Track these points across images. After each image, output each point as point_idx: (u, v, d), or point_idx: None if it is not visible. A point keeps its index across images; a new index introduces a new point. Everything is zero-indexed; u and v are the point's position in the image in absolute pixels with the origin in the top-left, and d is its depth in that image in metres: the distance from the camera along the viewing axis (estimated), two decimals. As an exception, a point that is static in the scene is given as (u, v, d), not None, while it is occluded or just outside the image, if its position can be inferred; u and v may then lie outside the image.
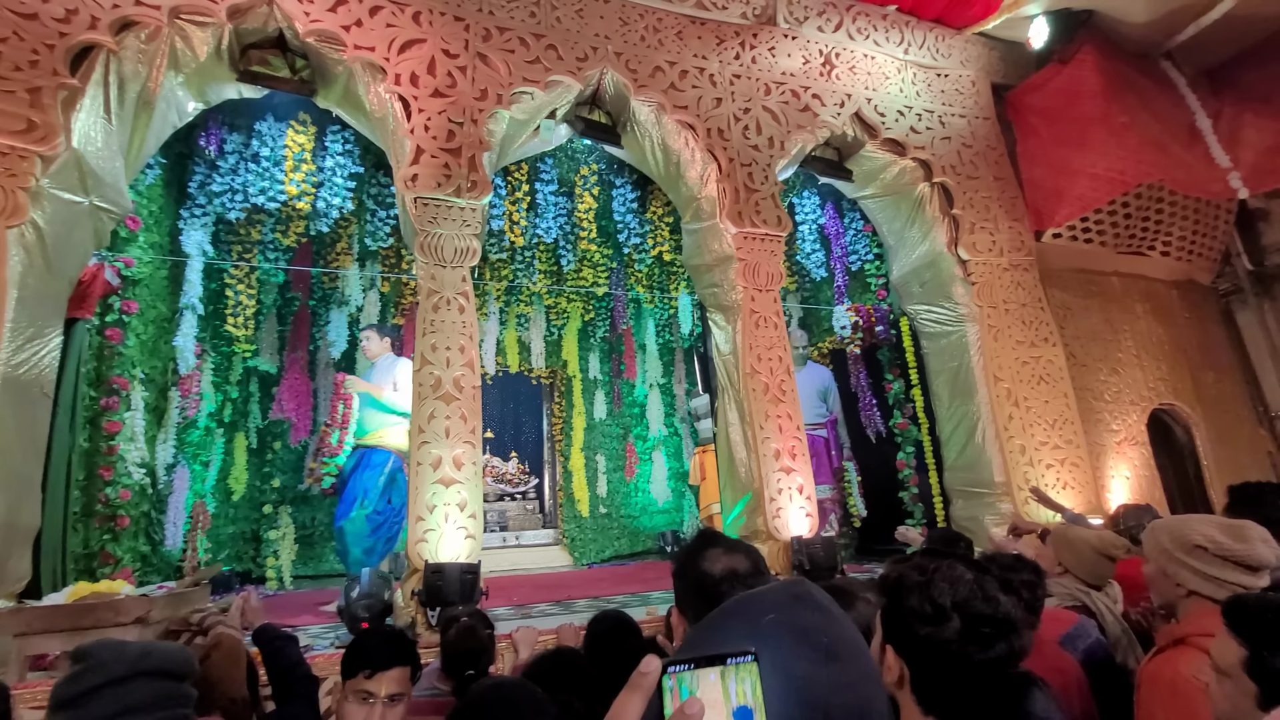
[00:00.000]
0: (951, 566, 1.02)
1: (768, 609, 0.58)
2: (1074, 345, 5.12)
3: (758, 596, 0.61)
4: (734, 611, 0.60)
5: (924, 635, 0.97)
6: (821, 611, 0.58)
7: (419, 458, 3.27)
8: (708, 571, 1.25)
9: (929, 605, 0.98)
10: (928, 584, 1.00)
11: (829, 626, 0.57)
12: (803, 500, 3.93)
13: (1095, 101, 4.71)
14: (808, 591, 0.61)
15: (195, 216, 4.83)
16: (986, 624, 0.96)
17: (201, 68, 3.64)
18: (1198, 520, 1.58)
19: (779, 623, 0.56)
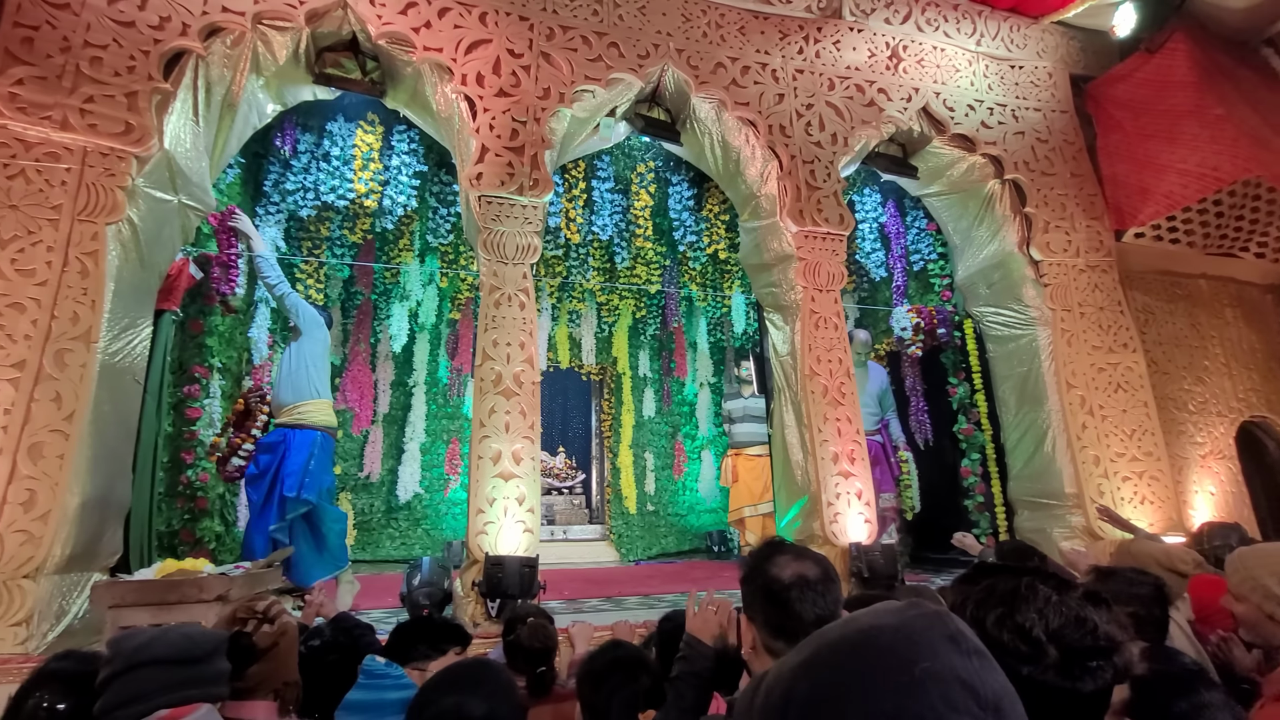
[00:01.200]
0: (1032, 589, 0.91)
1: (917, 654, 0.48)
2: (1156, 352, 4.82)
3: (898, 633, 0.50)
4: (870, 656, 0.49)
5: (1026, 676, 0.85)
6: (979, 656, 0.49)
7: (479, 451, 3.34)
8: (776, 577, 1.24)
9: (1022, 641, 0.86)
10: (1012, 613, 0.88)
11: (989, 675, 0.48)
12: (861, 506, 3.83)
13: (1187, 93, 4.41)
14: (959, 629, 0.51)
15: (270, 213, 5.04)
16: (1089, 655, 0.86)
17: (280, 71, 3.80)
18: None
19: (936, 675, 0.46)
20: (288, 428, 4.02)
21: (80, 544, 2.83)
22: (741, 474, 6.14)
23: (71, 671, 1.40)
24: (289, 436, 4.00)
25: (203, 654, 1.31)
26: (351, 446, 6.83)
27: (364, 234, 5.48)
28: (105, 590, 2.75)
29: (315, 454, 4.04)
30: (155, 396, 3.93)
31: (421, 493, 6.97)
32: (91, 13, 3.22)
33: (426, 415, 7.02)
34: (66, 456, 2.76)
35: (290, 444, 3.97)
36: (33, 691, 1.36)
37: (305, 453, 3.99)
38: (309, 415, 4.09)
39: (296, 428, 4.03)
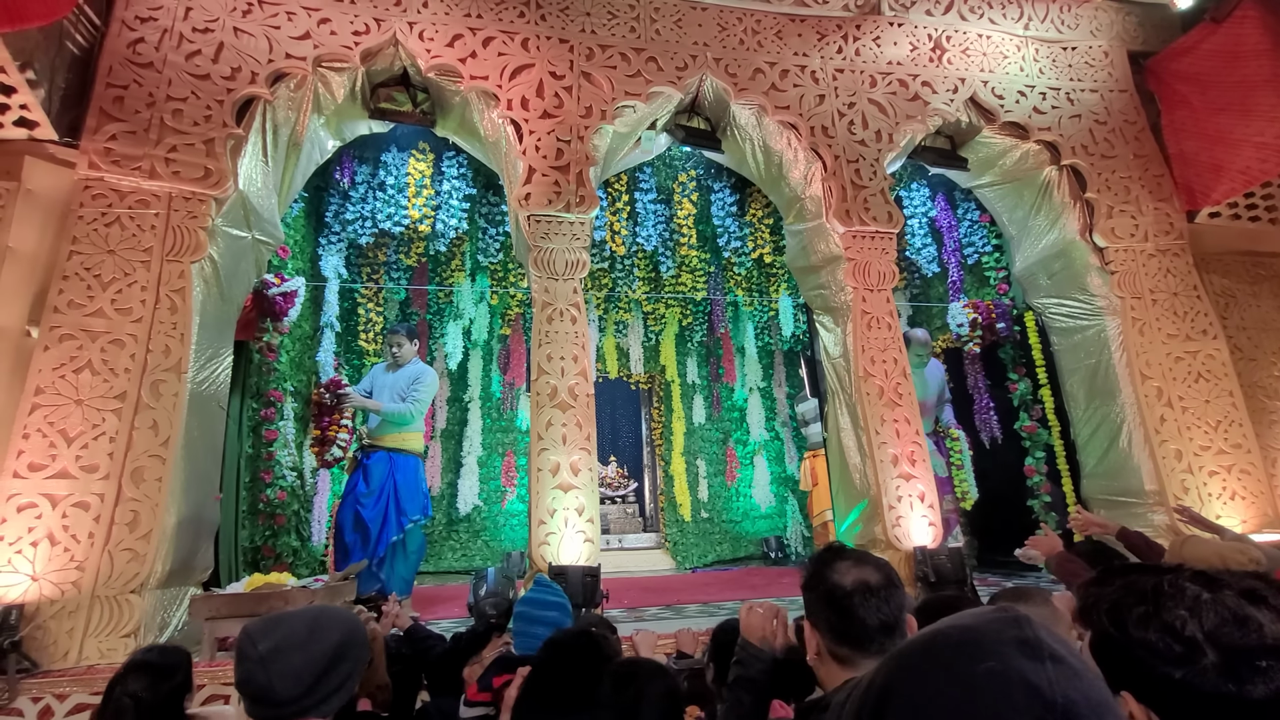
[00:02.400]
0: (1177, 584, 0.83)
1: (983, 653, 0.48)
2: (1239, 337, 4.54)
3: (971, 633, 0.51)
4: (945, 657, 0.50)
5: (1180, 678, 0.78)
6: (1055, 661, 0.48)
7: (538, 464, 3.43)
8: (838, 584, 1.23)
9: (1173, 640, 0.79)
10: (1157, 611, 0.81)
11: (1065, 681, 0.47)
12: (924, 509, 3.74)
13: (1261, 61, 4.16)
14: (1035, 635, 0.50)
15: (331, 243, 5.32)
16: (1258, 655, 0.77)
17: (339, 109, 4.02)
18: None
19: (999, 675, 0.47)
20: (393, 452, 4.28)
21: (178, 560, 3.05)
22: (821, 476, 6.03)
23: (155, 663, 1.58)
24: (395, 460, 4.27)
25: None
26: (413, 462, 7.08)
27: (419, 257, 5.71)
28: (202, 603, 2.96)
29: (421, 477, 4.44)
30: (236, 421, 4.21)
31: (480, 505, 7.16)
32: (172, 69, 3.49)
33: (482, 429, 7.21)
34: (164, 479, 2.98)
35: (399, 466, 4.26)
36: (123, 680, 1.52)
37: (416, 476, 4.35)
38: (409, 443, 4.40)
39: (398, 452, 4.30)
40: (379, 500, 4.08)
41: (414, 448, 4.36)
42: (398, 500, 4.11)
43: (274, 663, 1.15)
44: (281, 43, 3.70)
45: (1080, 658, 0.53)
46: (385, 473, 4.16)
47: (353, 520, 4.06)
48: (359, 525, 4.03)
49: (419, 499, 4.32)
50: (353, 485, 4.18)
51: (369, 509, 4.04)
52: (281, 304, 4.44)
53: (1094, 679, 0.51)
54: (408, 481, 4.21)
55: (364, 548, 3.99)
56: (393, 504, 4.10)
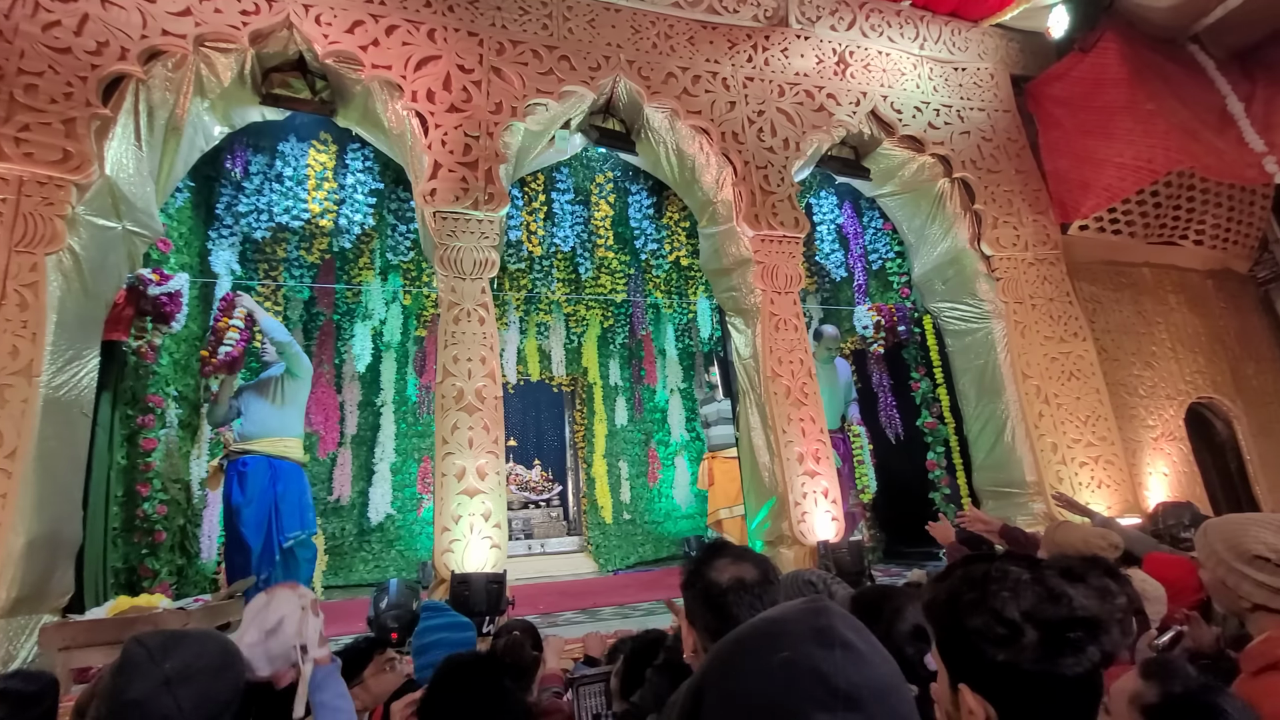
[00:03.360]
0: (1002, 570, 0.86)
1: (781, 644, 0.52)
2: (1105, 339, 4.99)
3: (775, 625, 0.55)
4: (749, 647, 0.54)
5: (1003, 661, 0.80)
6: (845, 649, 0.51)
7: (443, 469, 3.31)
8: (714, 581, 1.22)
9: (997, 623, 0.81)
10: (985, 597, 0.83)
11: (852, 667, 0.50)
12: (828, 504, 3.88)
13: (1120, 89, 4.60)
14: (830, 623, 0.53)
15: (223, 237, 4.95)
16: (1069, 627, 0.80)
17: (226, 92, 3.75)
18: (1256, 524, 1.43)
19: (792, 664, 0.50)
20: (273, 458, 4.06)
21: (28, 585, 2.74)
22: (717, 476, 6.17)
23: (17, 691, 1.43)
24: (278, 468, 4.05)
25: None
26: (319, 470, 6.70)
27: (322, 254, 5.41)
28: (55, 632, 2.66)
29: (305, 487, 4.22)
30: (107, 429, 3.83)
31: (394, 514, 6.87)
32: (25, 39, 3.14)
33: (396, 435, 6.93)
34: (10, 496, 2.67)
35: (281, 475, 4.04)
36: None
37: (300, 486, 4.14)
38: (292, 450, 4.17)
39: (282, 459, 4.09)
40: (260, 510, 3.83)
41: (296, 456, 4.13)
42: (278, 514, 3.87)
43: (183, 686, 0.99)
44: (157, 18, 3.41)
45: (874, 644, 0.55)
46: (265, 482, 3.91)
47: (235, 537, 3.79)
48: (239, 540, 3.76)
49: (300, 512, 4.05)
50: (227, 495, 3.90)
51: (249, 521, 3.77)
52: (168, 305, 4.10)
53: (883, 664, 0.53)
54: (290, 493, 3.96)
55: (247, 565, 3.72)
56: (274, 519, 3.87)
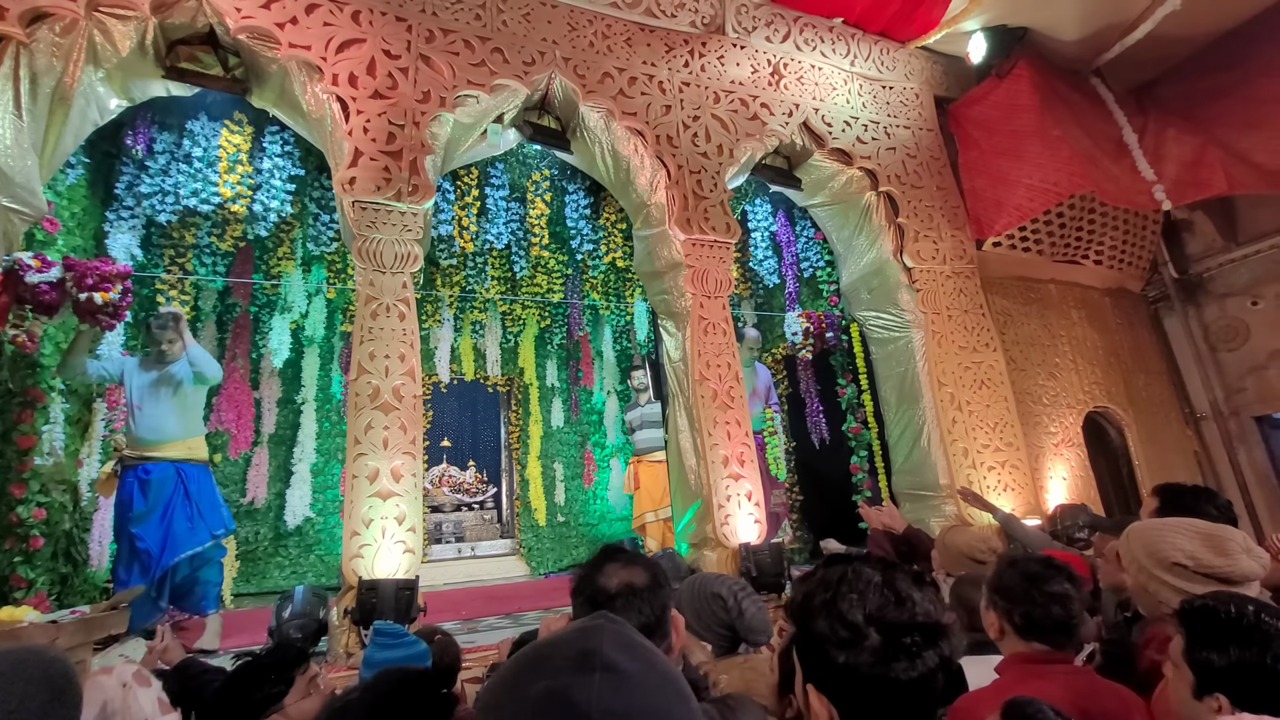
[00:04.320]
0: (857, 572, 0.87)
1: (542, 671, 0.49)
2: (1014, 350, 5.28)
3: (541, 651, 0.52)
4: (511, 679, 0.51)
5: (843, 663, 0.80)
6: (606, 672, 0.49)
7: (354, 470, 3.16)
8: (603, 588, 1.20)
9: (841, 625, 0.82)
10: (834, 599, 0.84)
11: (610, 693, 0.47)
12: (751, 506, 3.94)
13: (1030, 115, 4.89)
14: (594, 646, 0.51)
15: (122, 219, 4.59)
16: (907, 632, 0.80)
17: (124, 63, 3.47)
18: (1174, 530, 1.47)
19: (548, 693, 0.47)
20: (180, 462, 3.87)
21: None
22: (642, 480, 6.19)
23: None
24: (186, 472, 3.85)
25: None
26: (232, 471, 6.32)
27: (236, 242, 5.10)
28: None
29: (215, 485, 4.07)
30: (-25, 425, 3.48)
31: (313, 517, 6.55)
32: (-121, -11, 2.82)
33: (318, 434, 6.61)
34: None
35: (192, 477, 3.86)
36: None
37: (213, 484, 3.99)
38: (198, 451, 4.00)
39: (188, 462, 3.90)
40: (162, 519, 3.60)
41: (203, 455, 3.98)
42: (199, 512, 3.72)
43: None
44: (43, -23, 3.12)
45: (652, 666, 0.52)
46: (172, 487, 3.70)
47: (128, 546, 3.54)
48: (133, 551, 3.51)
49: (222, 511, 3.95)
50: (126, 504, 3.63)
51: (148, 531, 3.54)
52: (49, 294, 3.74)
53: (653, 688, 0.50)
54: (205, 491, 3.80)
55: (142, 575, 3.47)
56: (184, 519, 3.67)
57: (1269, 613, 1.03)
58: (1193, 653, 1.07)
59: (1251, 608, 1.05)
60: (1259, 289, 5.71)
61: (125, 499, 3.69)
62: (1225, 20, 5.08)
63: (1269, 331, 5.64)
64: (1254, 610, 1.04)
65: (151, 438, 3.82)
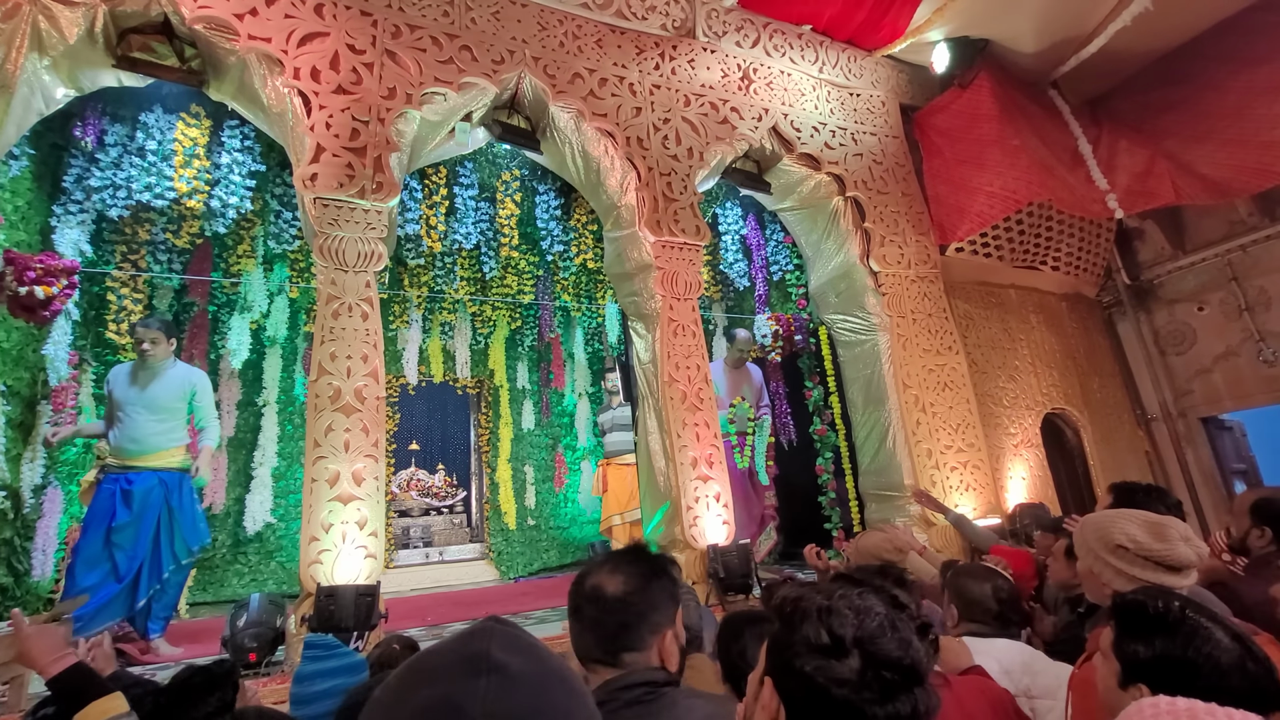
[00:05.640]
0: (864, 596, 0.86)
1: (427, 677, 0.48)
2: (975, 353, 5.41)
3: (428, 658, 0.51)
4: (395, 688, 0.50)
5: (811, 671, 0.80)
6: (494, 674, 0.47)
7: (314, 474, 3.08)
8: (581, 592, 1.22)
9: (826, 634, 0.81)
10: (830, 610, 0.83)
11: (496, 696, 0.46)
12: (719, 508, 3.95)
13: (991, 124, 5.02)
14: (483, 648, 0.50)
15: (71, 213, 4.41)
16: (892, 668, 0.78)
17: (72, 51, 3.33)
18: (1124, 518, 1.53)
19: (433, 701, 0.46)
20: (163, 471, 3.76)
21: None
22: (610, 483, 6.18)
23: None
24: (168, 482, 3.76)
25: None
26: (188, 475, 6.12)
27: (193, 239, 4.94)
28: None
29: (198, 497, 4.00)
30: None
31: (274, 523, 6.36)
32: None
33: (279, 437, 6.44)
34: None
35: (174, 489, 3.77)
36: None
37: (193, 493, 3.90)
38: (178, 458, 3.89)
39: (169, 470, 3.80)
40: (143, 531, 3.51)
41: (184, 464, 3.86)
42: (176, 529, 3.60)
43: None
44: (-17, -41, 2.99)
45: (546, 668, 0.51)
46: (158, 498, 3.61)
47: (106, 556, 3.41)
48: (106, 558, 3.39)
49: (200, 525, 3.84)
50: (105, 512, 3.51)
51: (130, 543, 3.44)
52: None
53: (547, 687, 0.49)
54: (186, 506, 3.70)
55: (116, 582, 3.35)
56: (166, 534, 3.58)
57: (1195, 609, 1.07)
58: (1120, 644, 1.10)
59: (1178, 603, 1.08)
60: (1205, 295, 5.95)
61: (104, 507, 3.57)
62: (1174, 37, 5.30)
63: (1214, 336, 5.88)
64: (1180, 606, 1.07)
65: (135, 448, 3.73)
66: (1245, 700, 0.92)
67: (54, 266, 3.61)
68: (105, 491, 3.68)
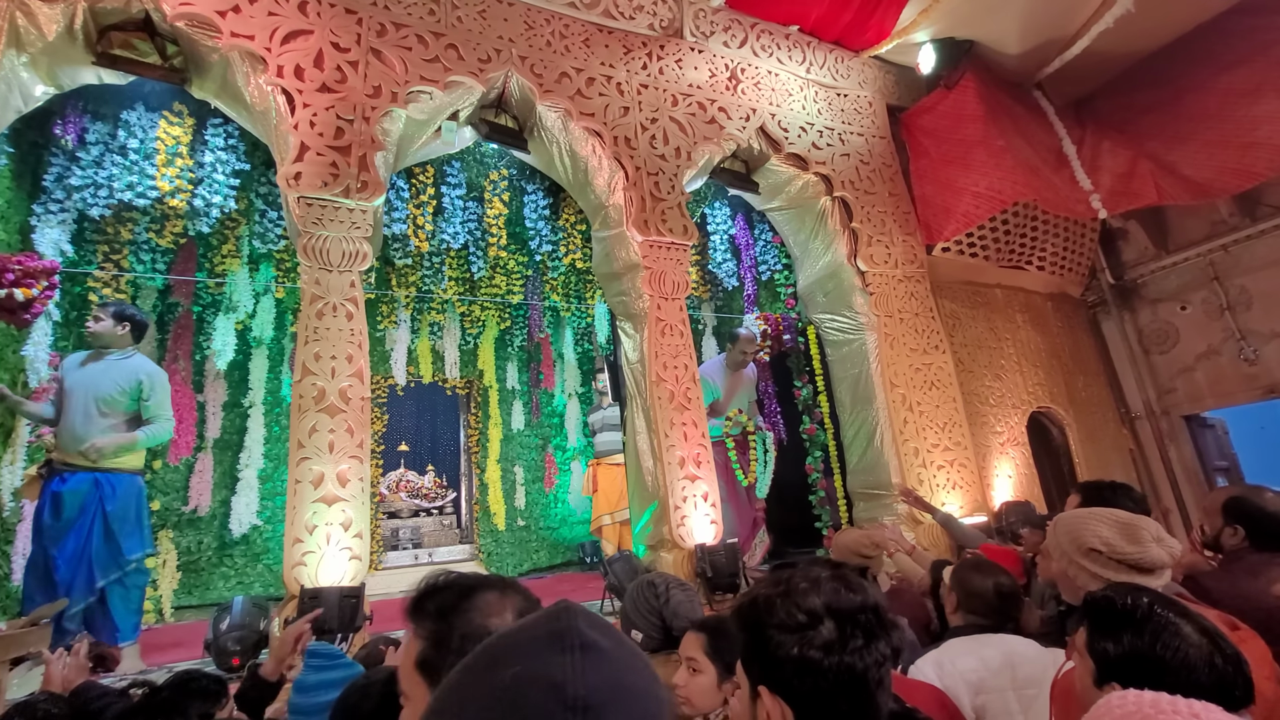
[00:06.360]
0: (806, 569, 0.92)
1: (512, 656, 0.48)
2: (962, 353, 5.44)
3: (507, 638, 0.51)
4: (474, 669, 0.49)
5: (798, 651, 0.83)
6: (584, 650, 0.47)
7: (298, 475, 3.06)
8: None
9: (798, 611, 0.85)
10: (788, 592, 0.88)
11: (591, 671, 0.46)
12: (707, 508, 3.95)
13: (976, 125, 5.06)
14: (569, 624, 0.50)
15: (51, 213, 4.35)
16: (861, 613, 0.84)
17: (51, 48, 3.30)
18: (1096, 519, 1.52)
19: (524, 677, 0.46)
20: (102, 472, 3.49)
21: None
22: (600, 482, 6.17)
23: None
24: (106, 485, 3.48)
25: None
26: (173, 478, 6.05)
27: (176, 238, 4.89)
28: None
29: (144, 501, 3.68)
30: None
31: (261, 525, 6.30)
32: None
33: (266, 439, 6.38)
34: None
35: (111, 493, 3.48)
36: None
37: (140, 500, 3.62)
38: (127, 460, 3.62)
39: (114, 472, 3.53)
40: (77, 537, 3.29)
41: (134, 465, 3.62)
42: (110, 534, 3.35)
43: None
44: (-42, -46, 2.95)
45: (625, 645, 0.51)
46: (91, 501, 3.37)
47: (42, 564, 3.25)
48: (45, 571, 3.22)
49: (140, 532, 3.55)
50: (39, 513, 3.34)
51: (60, 549, 3.24)
52: None
53: (632, 666, 0.49)
54: (125, 511, 3.44)
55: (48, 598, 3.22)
56: (100, 540, 3.33)
57: (1163, 604, 1.08)
58: (1093, 642, 1.10)
59: (1146, 599, 1.09)
60: (1187, 294, 6.02)
61: (40, 509, 3.39)
62: (1156, 40, 5.36)
63: (1196, 335, 5.95)
64: (1148, 602, 1.08)
65: (72, 445, 3.48)
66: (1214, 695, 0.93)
67: (34, 268, 3.55)
68: (44, 491, 3.47)
